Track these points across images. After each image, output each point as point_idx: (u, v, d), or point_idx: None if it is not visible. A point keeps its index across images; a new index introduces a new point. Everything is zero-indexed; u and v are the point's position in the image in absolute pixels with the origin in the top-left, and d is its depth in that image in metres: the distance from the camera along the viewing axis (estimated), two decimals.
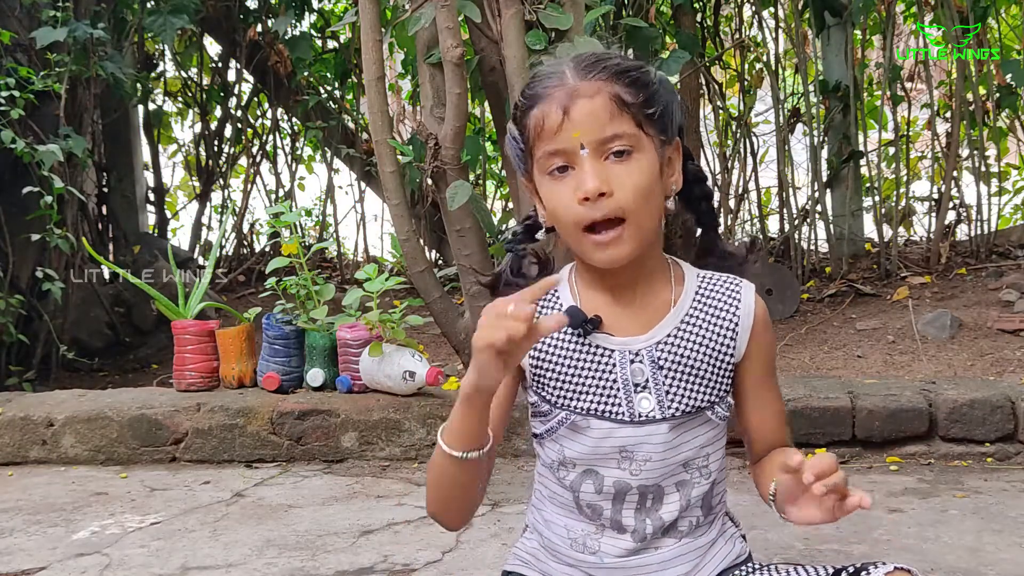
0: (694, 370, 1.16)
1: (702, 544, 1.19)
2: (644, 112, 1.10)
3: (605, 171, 1.08)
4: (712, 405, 1.16)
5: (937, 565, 1.87)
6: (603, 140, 1.09)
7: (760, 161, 4.82)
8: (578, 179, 1.09)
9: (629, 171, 1.09)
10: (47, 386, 3.60)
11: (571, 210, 1.10)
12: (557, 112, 1.09)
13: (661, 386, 1.15)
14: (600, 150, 1.09)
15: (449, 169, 2.84)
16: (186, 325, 3.07)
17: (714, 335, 1.17)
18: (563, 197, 1.10)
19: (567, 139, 1.09)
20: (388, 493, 2.49)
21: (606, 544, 1.17)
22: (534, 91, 1.13)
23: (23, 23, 3.75)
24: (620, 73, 1.10)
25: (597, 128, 1.08)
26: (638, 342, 1.16)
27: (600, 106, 1.09)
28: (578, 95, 1.09)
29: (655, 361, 1.15)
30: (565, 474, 1.18)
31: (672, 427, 1.15)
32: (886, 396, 2.67)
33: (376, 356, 2.79)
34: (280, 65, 4.91)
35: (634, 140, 1.09)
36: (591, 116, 1.08)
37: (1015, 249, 4.44)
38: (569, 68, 1.12)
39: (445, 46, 2.73)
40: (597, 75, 1.10)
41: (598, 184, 1.07)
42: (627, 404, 1.15)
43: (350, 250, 5.38)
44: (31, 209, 3.51)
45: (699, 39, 4.43)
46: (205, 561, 2.02)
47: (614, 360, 1.16)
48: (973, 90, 4.26)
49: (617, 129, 1.09)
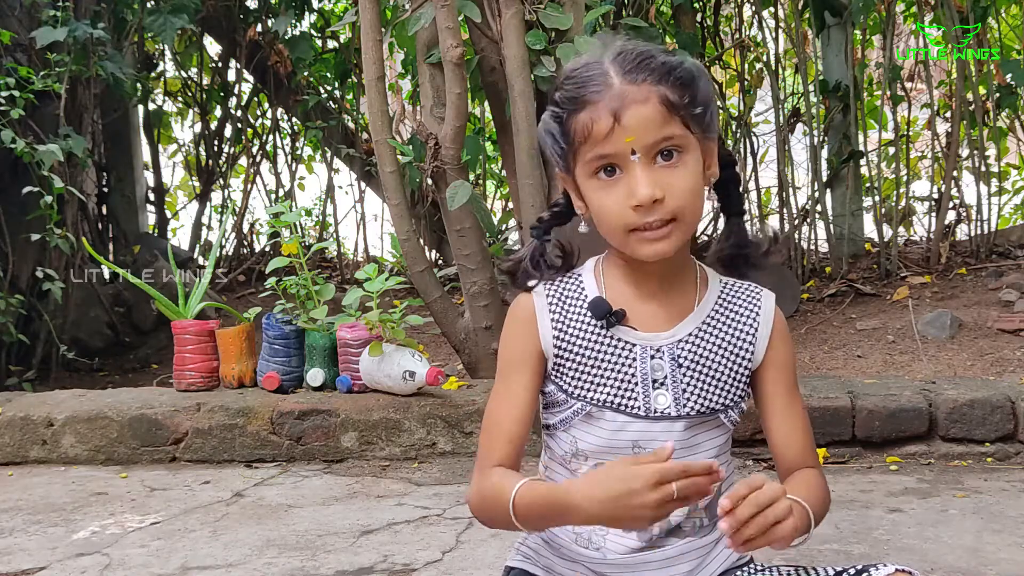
0: (712, 371, 1.17)
1: (705, 543, 1.19)
2: (692, 112, 1.10)
3: (656, 176, 1.09)
4: (726, 409, 1.17)
5: (937, 565, 1.87)
6: (654, 144, 1.09)
7: (760, 161, 4.82)
8: (629, 185, 1.09)
9: (679, 173, 1.10)
10: (47, 386, 3.60)
11: (623, 215, 1.10)
12: (608, 118, 1.08)
13: (679, 384, 1.15)
14: (650, 154, 1.09)
15: (449, 169, 2.84)
16: (186, 325, 3.07)
17: (734, 338, 1.18)
18: (614, 202, 1.11)
19: (618, 144, 1.08)
20: (388, 493, 2.49)
21: (611, 541, 1.17)
22: (580, 95, 1.11)
23: (23, 23, 3.76)
24: (666, 74, 1.10)
25: (649, 133, 1.08)
26: (660, 338, 1.17)
27: (652, 111, 1.08)
28: (629, 100, 1.08)
29: (675, 359, 1.16)
30: (577, 466, 1.19)
31: (686, 426, 1.15)
32: (886, 396, 2.67)
33: (376, 356, 2.79)
34: (280, 65, 4.92)
35: (682, 141, 1.10)
36: (643, 122, 1.08)
37: (1015, 249, 4.44)
38: (614, 70, 1.10)
39: (445, 46, 2.73)
40: (645, 79, 1.09)
41: (652, 192, 1.08)
42: (644, 399, 1.15)
43: (350, 250, 5.37)
44: (31, 209, 3.51)
45: (699, 39, 4.43)
46: (205, 561, 2.02)
47: (635, 354, 1.16)
48: (973, 90, 4.26)
49: (668, 132, 1.09)
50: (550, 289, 1.21)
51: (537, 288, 1.22)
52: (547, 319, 1.19)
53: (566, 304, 1.20)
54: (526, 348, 1.19)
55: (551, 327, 1.19)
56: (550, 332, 1.19)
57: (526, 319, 1.20)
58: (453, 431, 2.76)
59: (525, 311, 1.21)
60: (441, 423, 2.77)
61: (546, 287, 1.21)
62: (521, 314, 1.21)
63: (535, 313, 1.20)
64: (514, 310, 1.23)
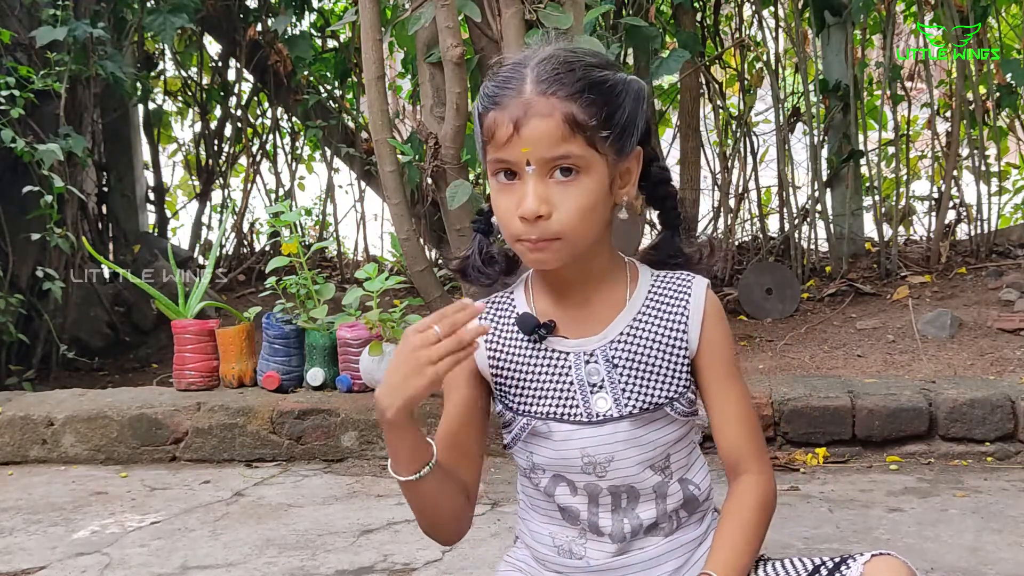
0: (649, 366, 1.16)
1: (690, 540, 1.19)
2: (599, 133, 1.08)
3: (547, 191, 1.08)
4: (671, 401, 1.16)
5: (937, 564, 1.87)
6: (550, 159, 1.08)
7: (760, 160, 4.82)
8: (520, 194, 1.08)
9: (572, 192, 1.08)
10: (47, 385, 3.60)
11: (511, 222, 1.10)
12: (508, 125, 1.08)
13: (616, 384, 1.15)
14: (546, 168, 1.08)
15: (449, 168, 2.84)
16: (186, 324, 3.06)
17: (666, 330, 1.17)
18: (506, 207, 1.11)
19: (515, 152, 1.08)
20: (388, 492, 2.49)
21: (591, 549, 1.17)
22: (495, 94, 1.11)
23: (23, 22, 3.76)
24: (580, 92, 1.08)
25: (546, 147, 1.07)
26: (592, 342, 1.17)
27: (552, 127, 1.07)
28: (532, 112, 1.07)
29: (609, 360, 1.16)
30: (538, 479, 1.19)
31: (632, 425, 1.14)
32: (886, 395, 2.67)
33: (376, 355, 2.79)
34: (280, 64, 4.91)
35: (583, 160, 1.08)
36: (541, 135, 1.07)
37: (1015, 248, 4.44)
38: (530, 76, 1.09)
39: (445, 45, 2.73)
40: (555, 92, 1.07)
41: (537, 207, 1.07)
42: (584, 405, 1.15)
43: (350, 249, 5.37)
44: (31, 208, 3.51)
45: (699, 38, 4.43)
46: (205, 560, 2.02)
47: (570, 362, 1.16)
48: (973, 89, 4.26)
49: (566, 150, 1.07)
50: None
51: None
52: (481, 341, 1.18)
53: (499, 322, 1.20)
54: (461, 369, 1.16)
55: (485, 347, 1.19)
56: (484, 352, 1.19)
57: None
58: None
59: None
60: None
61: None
62: None
63: None
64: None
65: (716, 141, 4.85)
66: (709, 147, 4.78)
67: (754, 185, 4.76)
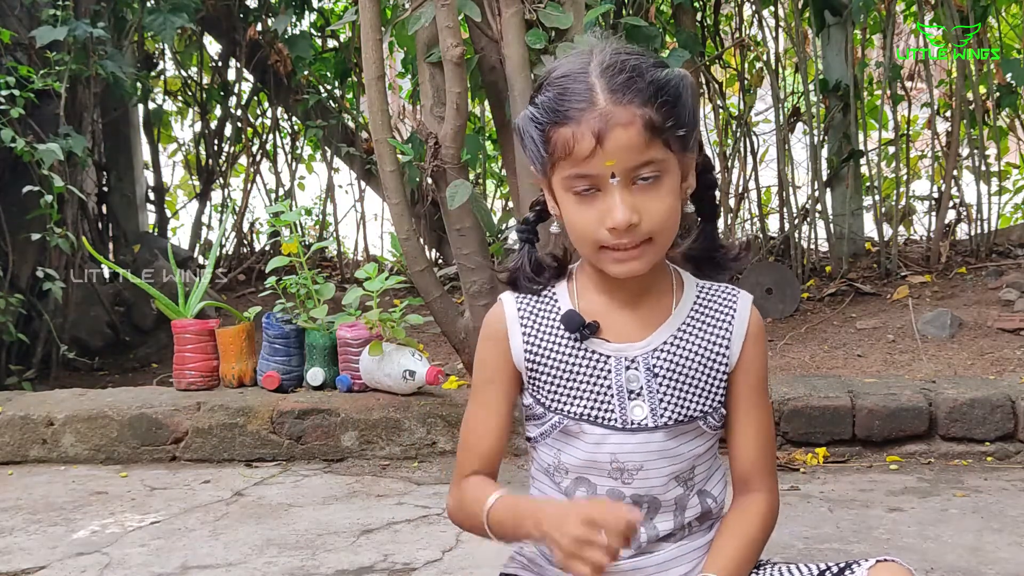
0: (689, 379, 1.15)
1: (700, 545, 1.19)
2: (675, 134, 1.08)
3: (633, 199, 1.07)
4: (705, 415, 1.16)
5: (937, 564, 1.87)
6: (634, 167, 1.07)
7: (760, 160, 4.82)
8: (607, 206, 1.07)
9: (657, 196, 1.08)
10: (47, 385, 3.60)
11: (596, 232, 1.09)
12: (590, 139, 1.05)
13: (655, 394, 1.14)
14: (630, 176, 1.07)
15: (449, 168, 2.84)
16: (186, 324, 3.06)
17: (709, 343, 1.17)
18: (588, 220, 1.09)
19: (598, 166, 1.06)
20: (388, 492, 2.49)
21: None
22: (563, 108, 1.07)
23: (23, 22, 3.76)
24: (653, 96, 1.06)
25: (630, 157, 1.06)
26: (634, 349, 1.16)
27: (635, 135, 1.05)
28: (612, 123, 1.05)
29: (650, 368, 1.15)
30: (560, 479, 1.18)
31: (665, 436, 1.14)
32: (886, 395, 2.67)
33: (376, 355, 2.79)
34: (280, 64, 4.91)
35: (663, 164, 1.08)
36: (625, 146, 1.05)
37: (1015, 248, 4.44)
38: (600, 85, 1.07)
39: (445, 45, 2.73)
40: (631, 100, 1.06)
41: (629, 217, 1.06)
42: (620, 411, 1.14)
43: (350, 249, 5.37)
44: (31, 208, 3.51)
45: (699, 38, 4.42)
46: (205, 560, 2.02)
47: (610, 366, 1.15)
48: (973, 89, 4.26)
49: (649, 156, 1.07)
50: (521, 303, 1.20)
51: (508, 302, 1.21)
52: (518, 334, 1.18)
53: (538, 318, 1.19)
54: (497, 364, 1.19)
55: (522, 342, 1.18)
56: (521, 347, 1.18)
57: (497, 336, 1.20)
58: (453, 430, 2.75)
59: (496, 327, 1.20)
60: (441, 422, 2.78)
61: (517, 300, 1.21)
62: (492, 331, 1.21)
63: (506, 329, 1.19)
64: (485, 327, 1.22)
65: (716, 141, 4.85)
66: (709, 147, 4.78)
67: (754, 185, 4.77)
